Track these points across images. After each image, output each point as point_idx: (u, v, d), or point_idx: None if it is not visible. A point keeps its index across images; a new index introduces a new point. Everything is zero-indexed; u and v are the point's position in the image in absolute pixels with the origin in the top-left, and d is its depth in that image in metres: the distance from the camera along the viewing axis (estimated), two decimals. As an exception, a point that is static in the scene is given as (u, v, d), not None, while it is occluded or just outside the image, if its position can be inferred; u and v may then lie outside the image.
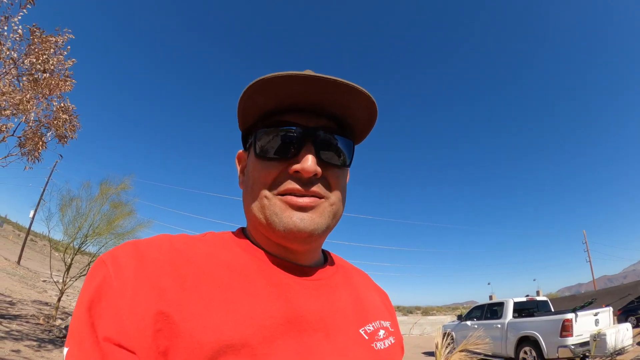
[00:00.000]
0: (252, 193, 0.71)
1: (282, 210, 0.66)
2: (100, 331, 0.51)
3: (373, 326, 0.74)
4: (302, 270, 0.72)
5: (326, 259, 0.84)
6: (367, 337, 0.71)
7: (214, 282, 0.59)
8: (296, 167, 0.66)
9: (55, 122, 8.45)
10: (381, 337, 0.74)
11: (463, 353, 4.68)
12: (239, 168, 0.84)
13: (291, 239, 0.67)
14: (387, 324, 0.79)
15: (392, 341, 0.77)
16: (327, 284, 0.74)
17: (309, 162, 0.65)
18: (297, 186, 0.66)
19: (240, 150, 0.84)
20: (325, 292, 0.71)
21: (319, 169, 0.67)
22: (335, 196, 0.71)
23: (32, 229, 31.92)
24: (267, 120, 0.71)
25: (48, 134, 8.63)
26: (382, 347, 0.72)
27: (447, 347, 4.77)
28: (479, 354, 5.19)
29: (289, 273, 0.69)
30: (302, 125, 0.69)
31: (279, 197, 0.67)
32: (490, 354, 10.93)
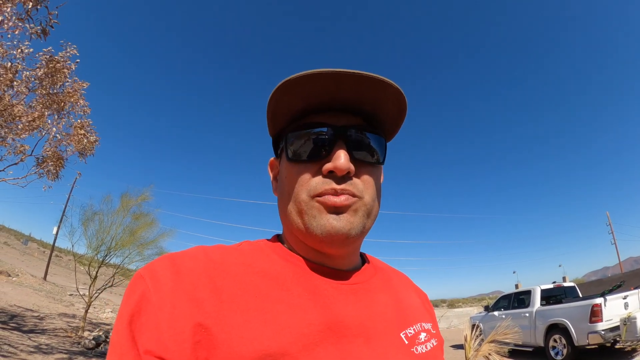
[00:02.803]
0: (288, 198, 0.70)
1: (319, 213, 0.65)
2: (142, 345, 0.52)
3: (414, 329, 0.73)
4: (339, 274, 0.71)
5: (364, 262, 0.82)
6: (407, 342, 0.69)
7: (250, 292, 0.59)
8: (328, 166, 0.65)
9: (74, 137, 8.61)
10: (422, 340, 0.72)
11: (492, 344, 4.63)
12: (271, 175, 0.83)
13: (329, 242, 0.66)
14: (428, 326, 0.78)
15: (434, 344, 0.75)
16: (366, 287, 0.72)
17: (342, 160, 0.64)
18: (332, 185, 0.65)
19: (272, 158, 0.83)
20: (364, 296, 0.70)
21: (351, 166, 0.66)
22: (369, 195, 0.69)
23: (56, 244, 32.52)
24: (296, 122, 0.71)
25: (67, 150, 8.81)
26: (423, 351, 0.70)
27: (476, 339, 4.73)
28: (508, 344, 5.12)
29: (326, 278, 0.68)
30: (331, 124, 0.68)
31: (316, 199, 0.66)
32: (519, 343, 10.83)
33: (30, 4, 6.32)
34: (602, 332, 8.41)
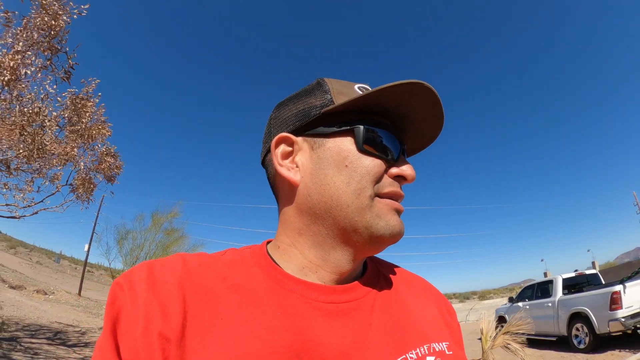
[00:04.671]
0: (349, 190, 0.62)
1: (385, 213, 0.63)
2: (123, 354, 0.53)
3: (417, 353, 0.61)
4: (329, 290, 0.63)
5: (365, 268, 0.73)
6: None
7: (217, 313, 0.56)
8: (407, 173, 0.65)
9: (102, 166, 9.28)
10: None
11: (507, 335, 4.80)
12: (279, 154, 0.68)
13: (389, 242, 0.64)
14: (442, 346, 0.65)
15: None
16: (359, 305, 0.63)
17: (413, 170, 0.66)
18: (400, 190, 0.65)
19: (285, 134, 0.68)
20: (355, 317, 0.61)
21: None
22: None
23: (87, 260, 33.29)
24: (376, 118, 0.67)
25: (98, 176, 9.48)
26: None
27: (493, 330, 4.88)
28: (523, 334, 5.23)
29: (310, 296, 0.61)
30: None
31: (378, 199, 0.63)
32: (543, 333, 10.93)
33: (50, 53, 6.84)
34: (623, 320, 8.35)
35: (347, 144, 0.64)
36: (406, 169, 0.65)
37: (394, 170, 0.64)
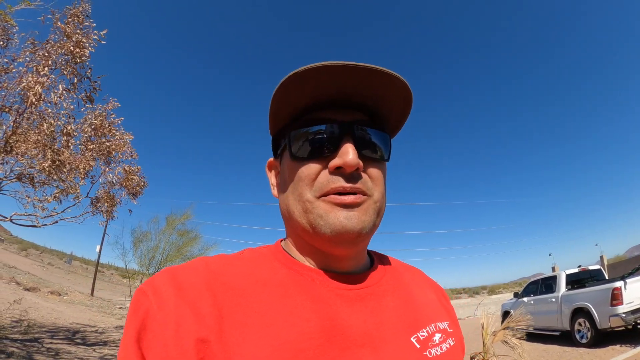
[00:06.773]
0: (292, 198, 0.67)
1: (327, 212, 0.62)
2: None
3: (427, 331, 0.69)
4: (346, 279, 0.68)
5: (372, 261, 0.78)
6: (419, 346, 0.66)
7: (250, 306, 0.58)
8: (337, 162, 0.62)
9: (126, 182, 9.69)
10: (436, 342, 0.68)
11: (507, 330, 4.98)
12: (270, 177, 0.81)
13: (338, 241, 0.63)
14: (444, 325, 0.74)
15: (452, 343, 0.72)
16: (373, 292, 0.69)
17: (351, 156, 0.61)
18: (340, 183, 0.62)
19: (271, 158, 0.80)
20: (371, 301, 0.67)
21: (360, 162, 0.63)
22: (378, 193, 0.67)
23: (98, 261, 33.62)
24: (299, 119, 0.68)
25: (123, 194, 9.93)
26: (438, 353, 0.67)
27: (494, 324, 5.04)
28: (524, 330, 5.36)
29: (330, 285, 0.65)
30: (338, 120, 0.65)
31: (322, 198, 0.63)
32: (547, 328, 11.08)
33: (76, 79, 7.12)
34: (623, 315, 8.54)
35: (286, 157, 0.70)
36: (338, 160, 0.62)
37: (332, 163, 0.63)
